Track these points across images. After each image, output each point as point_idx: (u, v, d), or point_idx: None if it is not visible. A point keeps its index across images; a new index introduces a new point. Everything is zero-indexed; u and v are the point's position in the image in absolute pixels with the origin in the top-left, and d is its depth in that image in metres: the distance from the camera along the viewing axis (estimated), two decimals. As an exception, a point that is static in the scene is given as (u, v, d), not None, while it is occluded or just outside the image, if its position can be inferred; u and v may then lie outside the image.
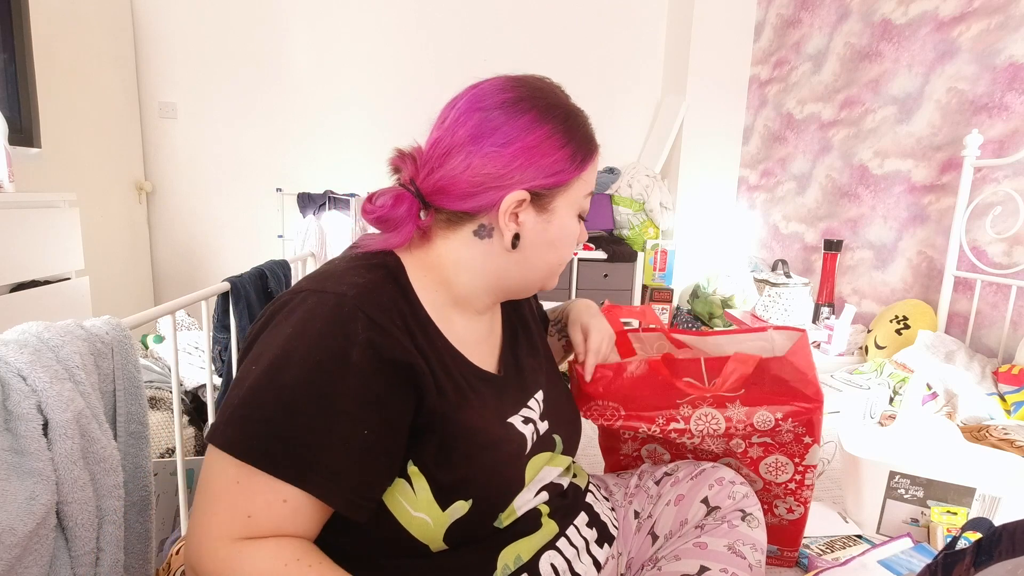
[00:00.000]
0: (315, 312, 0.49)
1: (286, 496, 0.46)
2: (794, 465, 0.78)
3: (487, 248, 0.58)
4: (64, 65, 2.02)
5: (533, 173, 0.56)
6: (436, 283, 0.59)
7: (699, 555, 0.64)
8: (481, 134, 0.55)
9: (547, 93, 0.59)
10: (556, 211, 0.59)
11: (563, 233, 0.60)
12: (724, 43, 2.68)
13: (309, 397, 0.46)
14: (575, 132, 0.59)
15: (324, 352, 0.47)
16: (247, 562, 0.45)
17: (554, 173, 0.57)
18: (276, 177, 2.70)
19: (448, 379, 0.54)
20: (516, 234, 0.58)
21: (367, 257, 0.57)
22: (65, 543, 0.55)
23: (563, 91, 0.62)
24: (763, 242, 2.67)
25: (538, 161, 0.56)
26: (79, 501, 0.55)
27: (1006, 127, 1.60)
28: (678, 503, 0.72)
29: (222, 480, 0.46)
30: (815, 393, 0.74)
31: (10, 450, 0.51)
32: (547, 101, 0.58)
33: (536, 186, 0.57)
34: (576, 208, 0.61)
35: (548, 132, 0.57)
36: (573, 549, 0.62)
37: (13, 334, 0.57)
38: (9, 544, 0.47)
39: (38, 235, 1.36)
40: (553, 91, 0.60)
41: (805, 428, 0.75)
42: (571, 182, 0.59)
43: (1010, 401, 1.34)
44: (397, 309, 0.52)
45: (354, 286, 0.51)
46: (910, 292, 1.89)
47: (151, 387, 1.32)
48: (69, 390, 0.56)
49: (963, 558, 0.43)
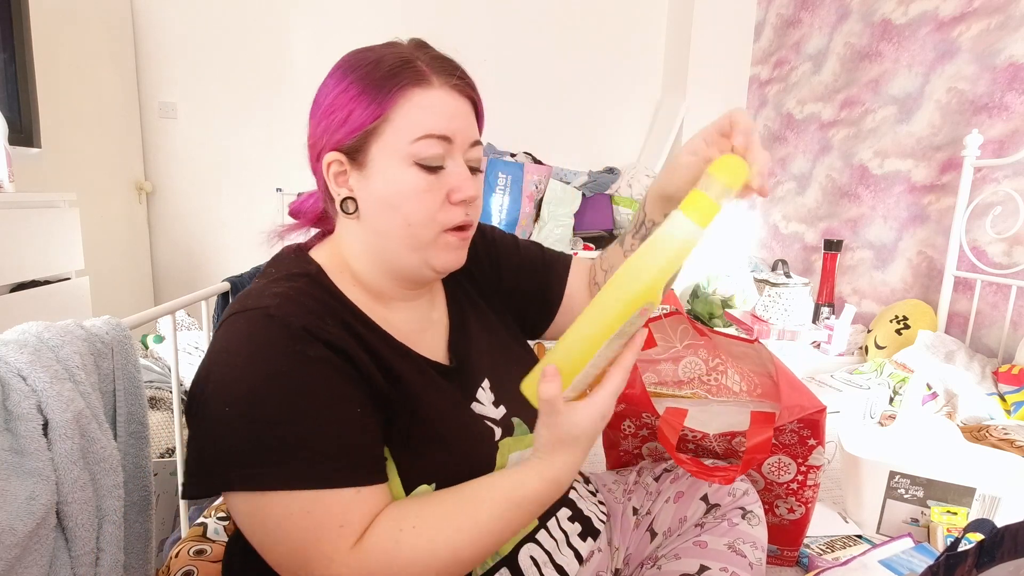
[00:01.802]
0: (248, 331, 0.49)
1: (344, 496, 0.47)
2: (796, 465, 0.78)
3: (354, 226, 0.58)
4: (64, 65, 2.02)
5: (334, 130, 0.54)
6: (352, 279, 0.59)
7: (699, 554, 0.64)
8: (310, 112, 0.58)
9: (362, 52, 0.56)
10: (373, 163, 0.54)
11: (396, 187, 0.54)
12: (724, 43, 2.67)
13: (294, 407, 0.46)
14: (373, 75, 0.54)
15: (276, 364, 0.47)
16: (378, 556, 0.46)
17: (348, 122, 0.54)
18: (276, 177, 2.69)
19: (398, 368, 0.54)
20: (346, 198, 0.56)
21: (286, 269, 0.58)
22: (65, 543, 0.55)
23: (395, 45, 0.57)
24: (763, 242, 2.67)
25: (335, 115, 0.54)
26: (79, 501, 0.55)
27: (1006, 127, 1.60)
28: (677, 500, 0.72)
29: (291, 519, 0.46)
30: (818, 403, 0.74)
31: (10, 450, 0.51)
32: (356, 58, 0.56)
33: (339, 141, 0.54)
34: (401, 154, 0.53)
35: (345, 85, 0.54)
36: (553, 541, 0.61)
37: (13, 334, 0.57)
38: (9, 544, 0.47)
39: (38, 235, 1.36)
40: (372, 48, 0.56)
41: (810, 430, 0.75)
42: (376, 127, 0.53)
43: (1010, 401, 1.34)
44: (328, 309, 0.53)
45: (275, 296, 0.51)
46: (910, 292, 1.89)
47: (151, 387, 1.32)
48: (69, 390, 0.56)
49: (965, 559, 0.43)
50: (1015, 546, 0.41)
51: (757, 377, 0.87)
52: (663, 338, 0.93)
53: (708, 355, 0.91)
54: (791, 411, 0.73)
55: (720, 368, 0.90)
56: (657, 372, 0.94)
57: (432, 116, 0.54)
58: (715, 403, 0.88)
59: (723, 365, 0.89)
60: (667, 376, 0.93)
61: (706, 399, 0.90)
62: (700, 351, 0.91)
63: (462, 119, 0.56)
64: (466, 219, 0.58)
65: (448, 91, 0.55)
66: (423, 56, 0.56)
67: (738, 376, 0.88)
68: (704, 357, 0.91)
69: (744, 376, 0.88)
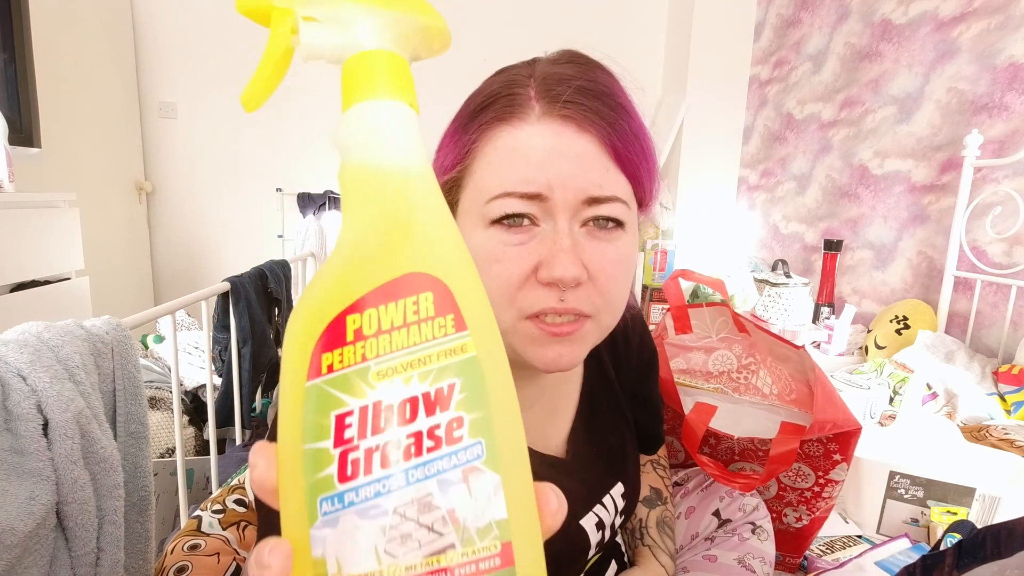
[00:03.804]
0: None
1: None
2: (816, 477, 0.77)
3: None
4: (64, 65, 2.02)
5: (438, 172, 0.43)
6: None
7: (708, 568, 0.63)
8: None
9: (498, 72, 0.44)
10: (461, 220, 0.42)
11: (475, 253, 0.40)
12: (724, 43, 2.67)
13: None
14: (468, 107, 0.42)
15: None
16: None
17: (442, 167, 0.43)
18: (276, 177, 2.70)
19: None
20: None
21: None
22: (65, 543, 0.55)
23: (526, 63, 0.43)
24: (763, 242, 2.67)
25: (439, 153, 0.44)
26: (79, 501, 0.55)
27: (1006, 127, 1.60)
28: (689, 516, 0.71)
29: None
30: (855, 422, 0.72)
31: (10, 450, 0.51)
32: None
33: (442, 186, 0.42)
34: (476, 215, 0.40)
35: (453, 118, 0.44)
36: None
37: (13, 334, 0.57)
38: (9, 544, 0.47)
39: (38, 235, 1.36)
40: (503, 68, 0.44)
41: (838, 445, 0.74)
42: (457, 178, 0.42)
43: (1010, 401, 1.34)
44: None
45: None
46: (910, 292, 1.89)
47: (151, 387, 1.32)
48: (69, 390, 0.56)
49: (943, 560, 0.43)
50: (998, 547, 0.40)
51: (794, 383, 0.84)
52: (700, 326, 0.90)
53: (742, 351, 0.88)
54: (822, 426, 0.71)
55: (752, 367, 0.87)
56: (687, 359, 0.91)
57: (516, 165, 0.39)
58: (746, 403, 0.86)
59: (756, 364, 0.87)
60: (696, 365, 0.91)
61: (734, 396, 0.87)
62: (735, 346, 0.89)
63: (565, 163, 0.38)
64: (557, 305, 0.39)
65: (549, 124, 0.39)
66: (539, 75, 0.41)
67: (770, 378, 0.86)
68: (738, 353, 0.89)
69: (779, 379, 0.85)
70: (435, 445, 0.19)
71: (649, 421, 0.64)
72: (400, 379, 0.19)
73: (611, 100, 0.41)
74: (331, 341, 0.19)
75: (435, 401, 0.19)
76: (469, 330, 0.20)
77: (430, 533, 0.18)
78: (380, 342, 0.19)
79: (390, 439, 0.19)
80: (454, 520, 0.18)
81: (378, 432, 0.19)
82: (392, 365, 0.19)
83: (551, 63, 0.42)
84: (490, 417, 0.20)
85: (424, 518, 0.18)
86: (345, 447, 0.19)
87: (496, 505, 0.19)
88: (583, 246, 0.39)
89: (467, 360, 0.20)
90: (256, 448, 0.20)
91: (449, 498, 0.18)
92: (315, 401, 0.19)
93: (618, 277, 0.41)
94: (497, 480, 0.19)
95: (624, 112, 0.41)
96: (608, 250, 0.40)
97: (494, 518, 0.19)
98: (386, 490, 0.18)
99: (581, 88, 0.39)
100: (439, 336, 0.20)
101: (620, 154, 0.40)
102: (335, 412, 0.19)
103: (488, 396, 0.20)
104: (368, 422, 0.19)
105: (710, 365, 0.90)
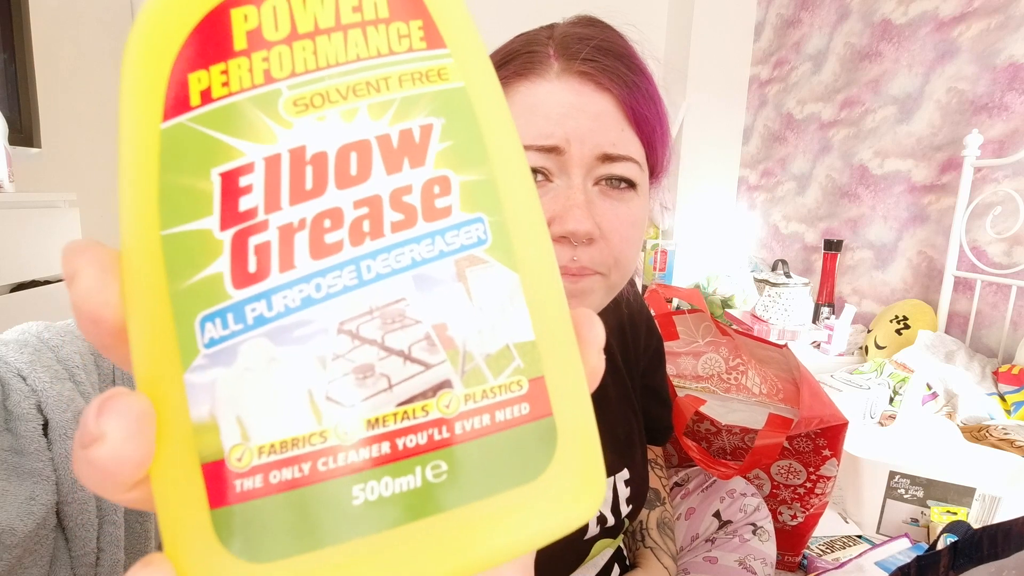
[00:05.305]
0: None
1: None
2: (807, 473, 0.78)
3: None
4: (64, 65, 2.02)
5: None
6: None
7: (709, 569, 0.63)
8: None
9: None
10: None
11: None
12: (724, 43, 2.67)
13: None
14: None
15: None
16: None
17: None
18: (276, 177, 2.70)
19: None
20: None
21: None
22: (65, 543, 0.55)
23: (546, 26, 0.46)
24: (763, 242, 2.67)
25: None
26: (79, 501, 0.55)
27: (1006, 127, 1.60)
28: (689, 517, 0.71)
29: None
30: (840, 416, 0.73)
31: (10, 450, 0.51)
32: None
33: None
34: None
35: None
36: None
37: (13, 334, 0.57)
38: (9, 544, 0.47)
39: (38, 235, 1.36)
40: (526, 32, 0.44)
41: (827, 440, 0.74)
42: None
43: (1010, 401, 1.34)
44: None
45: None
46: (910, 292, 1.89)
47: (151, 387, 1.32)
48: (69, 390, 0.56)
49: (938, 561, 0.43)
50: (995, 548, 0.40)
51: (780, 382, 0.85)
52: (685, 331, 0.92)
53: (729, 354, 0.90)
54: (809, 422, 0.72)
55: (740, 368, 0.89)
56: (676, 365, 0.93)
57: (534, 120, 0.39)
58: (736, 400, 0.88)
59: (744, 365, 0.89)
60: (686, 369, 0.93)
61: (724, 396, 0.89)
62: (721, 349, 0.91)
63: (584, 119, 0.39)
64: (569, 264, 0.39)
65: (568, 81, 0.40)
66: (558, 35, 0.42)
67: (759, 378, 0.88)
68: (725, 355, 0.91)
69: (766, 379, 0.87)
70: (406, 220, 0.11)
71: (662, 412, 0.64)
72: (336, 112, 0.11)
73: (629, 61, 0.41)
74: (204, 51, 0.11)
75: (400, 150, 0.12)
76: (449, 48, 0.13)
77: (407, 364, 0.11)
78: (297, 51, 0.11)
79: (324, 209, 0.11)
80: (446, 342, 0.11)
81: (303, 199, 0.11)
82: (321, 89, 0.11)
83: (570, 24, 0.44)
84: (494, 180, 0.12)
85: (394, 339, 0.11)
86: (242, 226, 0.11)
87: (515, 319, 0.11)
88: (596, 204, 0.40)
89: (450, 91, 0.13)
90: (73, 248, 0.12)
91: (435, 306, 0.11)
92: (180, 152, 0.11)
93: (630, 237, 0.41)
94: (514, 280, 0.12)
95: (642, 74, 0.42)
96: (620, 209, 0.41)
97: (512, 340, 0.11)
98: (322, 294, 0.11)
99: (600, 47, 0.40)
100: (401, 51, 0.12)
101: (637, 115, 0.40)
102: (219, 168, 0.11)
103: (487, 149, 0.12)
104: (282, 183, 0.11)
105: (699, 369, 0.91)
